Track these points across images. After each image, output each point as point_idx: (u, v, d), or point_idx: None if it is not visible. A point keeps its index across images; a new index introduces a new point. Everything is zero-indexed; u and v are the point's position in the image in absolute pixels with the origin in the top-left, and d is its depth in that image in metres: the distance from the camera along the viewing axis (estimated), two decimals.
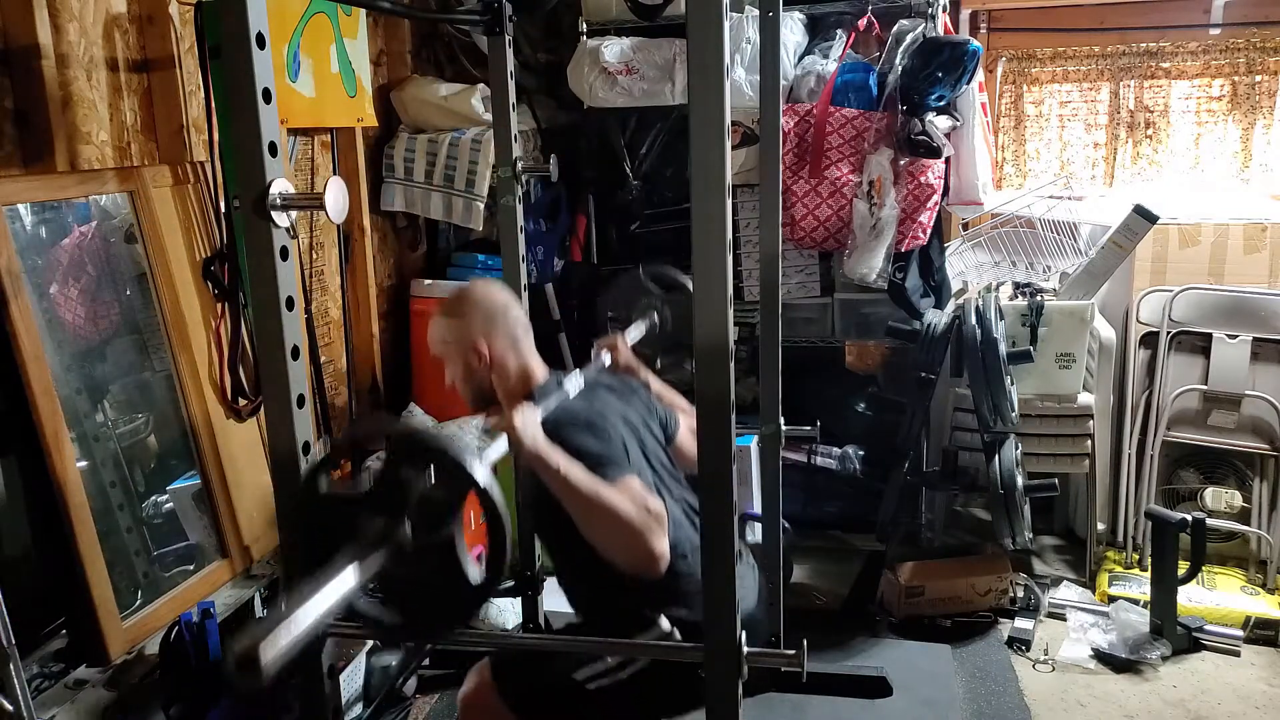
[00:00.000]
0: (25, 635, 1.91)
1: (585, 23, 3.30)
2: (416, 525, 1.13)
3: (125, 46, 2.28)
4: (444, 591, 1.16)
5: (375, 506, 1.14)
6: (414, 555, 1.13)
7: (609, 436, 1.74)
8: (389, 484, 1.15)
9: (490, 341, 1.86)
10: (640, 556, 1.60)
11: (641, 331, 2.28)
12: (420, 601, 1.18)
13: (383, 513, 1.13)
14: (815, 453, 3.46)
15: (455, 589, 1.15)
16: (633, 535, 1.58)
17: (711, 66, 1.19)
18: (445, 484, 1.14)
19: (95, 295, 2.19)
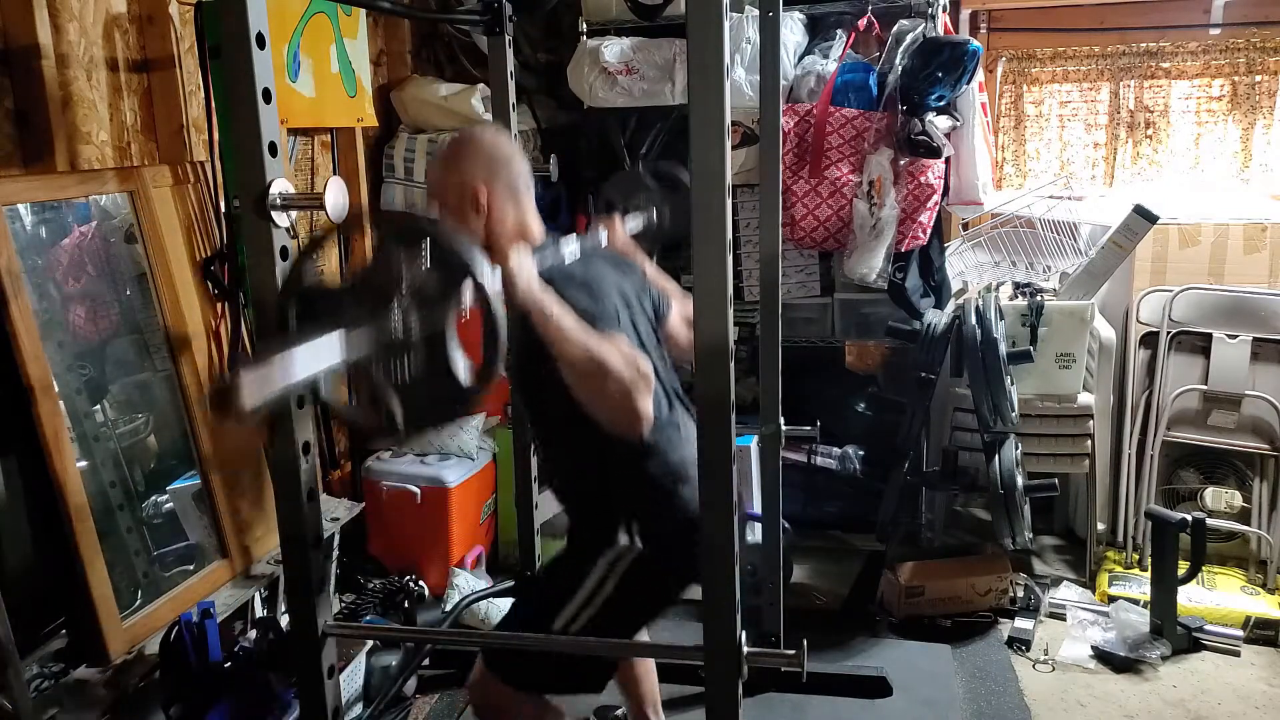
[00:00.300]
0: (25, 635, 1.91)
1: (585, 23, 3.30)
2: (406, 316, 1.09)
3: (125, 46, 2.28)
4: (432, 387, 1.11)
5: (363, 296, 1.11)
6: (401, 345, 1.09)
7: (603, 298, 1.71)
8: (378, 272, 1.10)
9: (491, 190, 1.78)
10: (626, 413, 1.55)
11: (639, 224, 2.25)
12: (408, 396, 1.13)
13: (371, 301, 1.10)
14: (815, 453, 3.46)
15: (444, 384, 1.10)
16: (621, 389, 1.54)
17: (711, 66, 1.20)
18: (437, 270, 1.09)
19: (95, 295, 2.19)
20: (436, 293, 1.09)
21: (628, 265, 1.96)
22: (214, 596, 2.29)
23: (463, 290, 1.10)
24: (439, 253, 1.09)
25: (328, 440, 3.08)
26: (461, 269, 1.08)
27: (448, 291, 1.09)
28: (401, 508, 3.08)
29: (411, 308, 1.09)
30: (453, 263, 1.08)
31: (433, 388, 1.11)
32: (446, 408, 1.14)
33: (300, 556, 1.47)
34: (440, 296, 1.09)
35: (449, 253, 1.08)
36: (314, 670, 1.52)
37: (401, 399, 1.13)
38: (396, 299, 1.09)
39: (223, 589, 2.35)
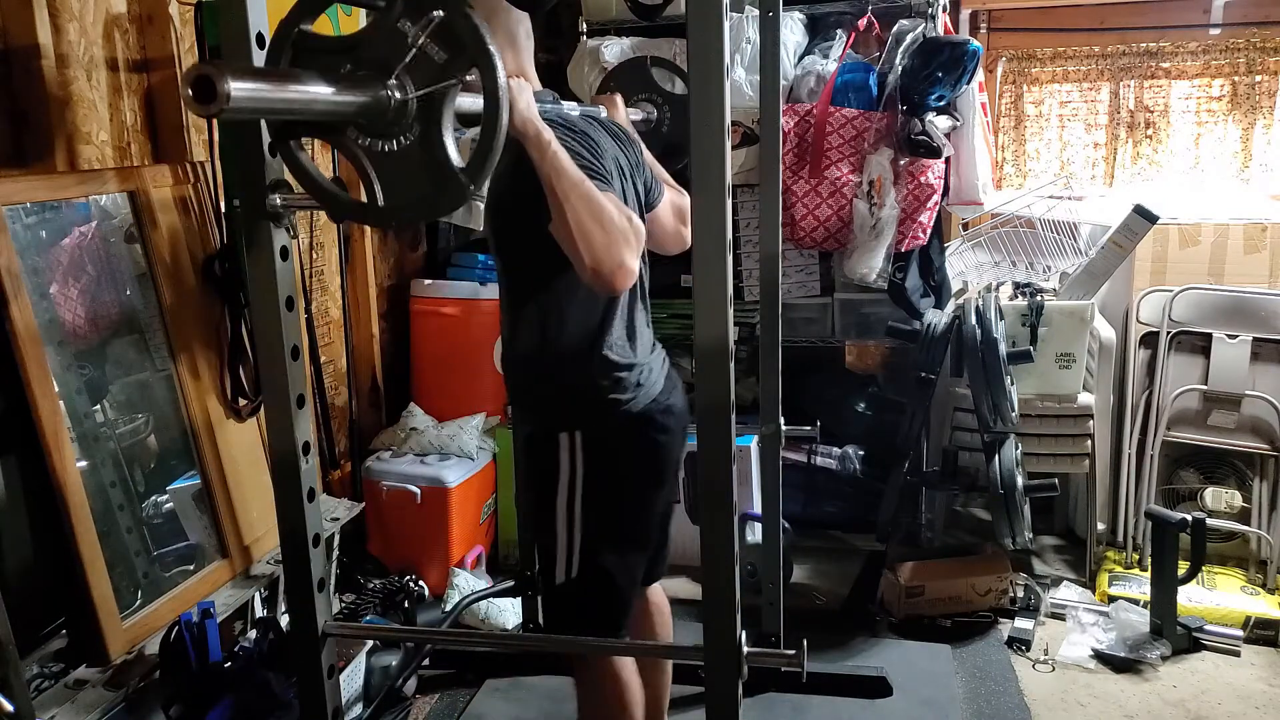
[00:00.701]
0: (25, 635, 1.91)
1: (585, 22, 3.30)
2: (403, 87, 1.04)
3: (125, 46, 2.28)
4: (417, 171, 1.06)
5: (364, 58, 1.06)
6: (392, 118, 1.04)
7: (601, 154, 1.67)
8: (383, 34, 1.05)
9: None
10: (611, 260, 1.50)
11: (638, 116, 2.21)
12: (391, 175, 1.08)
13: (369, 64, 1.05)
14: (815, 453, 3.46)
15: (437, 169, 1.05)
16: (609, 235, 1.49)
17: (712, 66, 1.19)
18: (444, 46, 1.03)
19: (95, 295, 2.19)
20: (438, 70, 1.04)
21: (628, 138, 1.92)
22: (214, 596, 2.29)
23: (466, 73, 1.06)
24: (451, 29, 1.04)
25: (328, 440, 3.08)
26: (474, 48, 1.03)
27: (450, 70, 1.04)
28: (401, 508, 3.08)
29: (409, 80, 1.05)
30: (463, 40, 1.03)
31: (418, 171, 1.06)
32: (428, 197, 1.08)
33: (300, 556, 1.47)
34: (441, 74, 1.04)
35: (461, 29, 1.03)
36: (314, 670, 1.52)
37: (383, 177, 1.08)
38: (396, 67, 1.04)
39: (223, 589, 2.35)
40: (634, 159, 1.88)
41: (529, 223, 1.55)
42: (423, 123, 1.05)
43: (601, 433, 1.78)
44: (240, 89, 0.86)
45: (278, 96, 0.96)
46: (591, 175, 1.56)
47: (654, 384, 1.84)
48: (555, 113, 1.69)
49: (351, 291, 3.23)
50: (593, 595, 1.81)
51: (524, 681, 2.63)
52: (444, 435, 3.22)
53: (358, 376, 3.27)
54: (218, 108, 0.85)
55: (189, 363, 2.35)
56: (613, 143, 1.80)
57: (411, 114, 1.05)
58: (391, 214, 1.11)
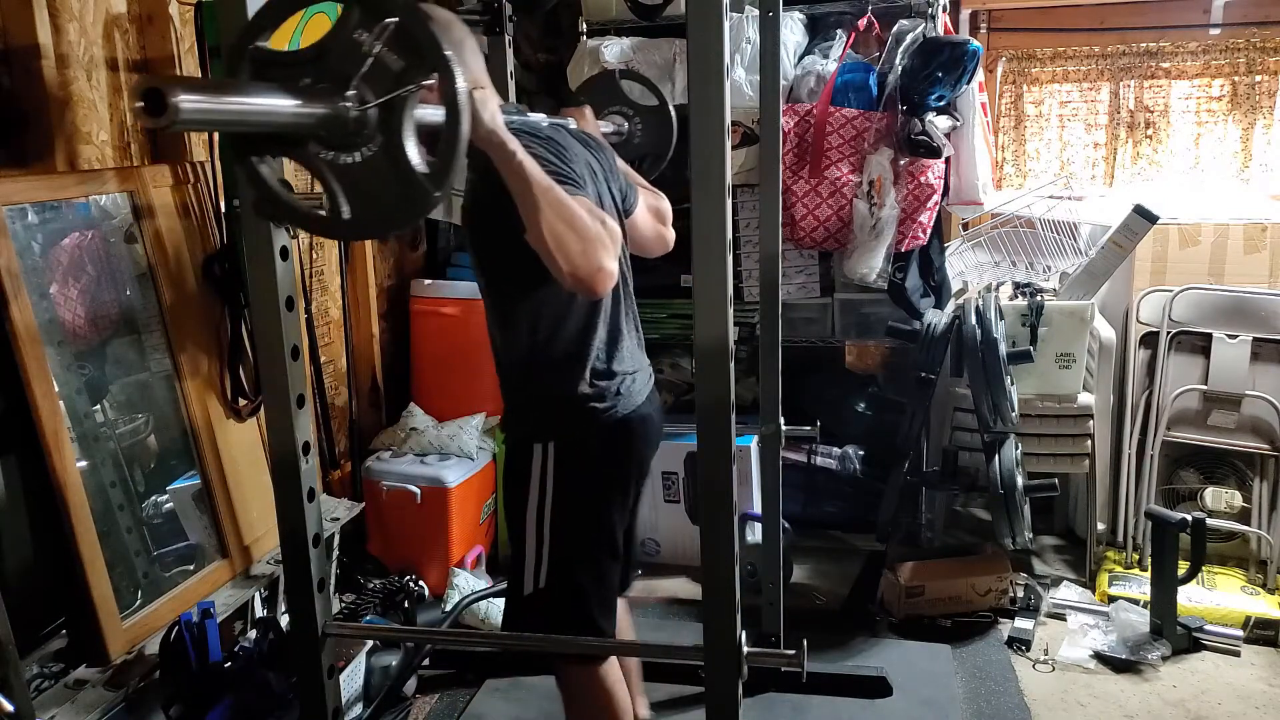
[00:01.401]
0: (25, 635, 1.91)
1: (585, 23, 3.30)
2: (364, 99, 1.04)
3: (125, 46, 2.28)
4: (382, 180, 1.06)
5: (323, 70, 1.06)
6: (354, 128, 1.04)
7: (572, 160, 1.66)
8: (340, 45, 1.05)
9: None
10: (588, 264, 1.48)
11: (609, 129, 2.22)
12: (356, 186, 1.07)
13: (327, 77, 1.05)
14: (815, 453, 3.46)
15: (401, 178, 1.05)
16: (584, 240, 1.47)
17: (712, 66, 1.20)
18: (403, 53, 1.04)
19: (95, 295, 2.19)
20: (396, 78, 1.04)
21: (599, 145, 1.92)
22: (214, 596, 2.29)
23: (426, 79, 1.06)
24: (408, 36, 1.04)
25: (328, 440, 3.08)
26: (430, 53, 1.03)
27: (408, 77, 1.04)
28: (401, 508, 3.08)
29: (368, 90, 1.05)
30: (420, 46, 1.03)
31: (382, 181, 1.06)
32: (394, 207, 1.08)
33: (300, 556, 1.47)
34: (399, 82, 1.04)
35: (418, 36, 1.03)
36: (314, 670, 1.52)
37: (347, 189, 1.07)
38: (354, 78, 1.04)
39: (223, 589, 2.35)
40: (607, 164, 1.88)
41: (505, 233, 1.54)
42: (384, 132, 1.05)
43: (577, 442, 1.79)
44: (189, 102, 0.87)
45: (229, 109, 0.96)
46: (561, 181, 1.56)
47: (637, 393, 1.85)
48: (523, 123, 1.70)
49: (351, 291, 3.23)
50: (563, 607, 1.80)
51: (524, 681, 2.63)
52: (444, 435, 3.22)
53: (358, 376, 3.27)
54: (167, 120, 0.85)
55: (189, 363, 2.35)
56: (583, 149, 1.80)
57: (372, 124, 1.05)
58: (357, 226, 1.10)
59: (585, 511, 1.81)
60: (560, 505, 1.78)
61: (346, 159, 1.07)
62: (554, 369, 1.76)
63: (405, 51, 1.04)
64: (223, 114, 0.96)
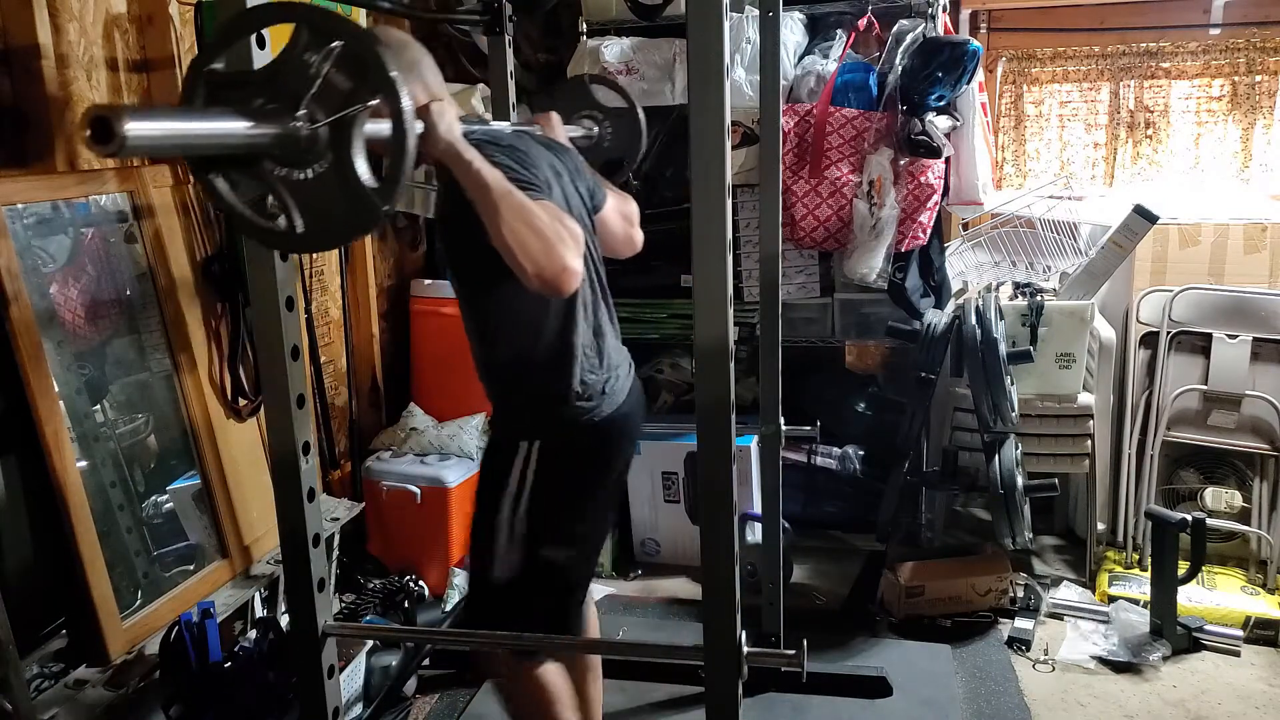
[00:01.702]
0: (25, 635, 1.91)
1: (585, 23, 3.30)
2: (314, 119, 1.08)
3: (125, 46, 2.28)
4: (332, 195, 1.09)
5: (275, 91, 1.09)
6: (304, 146, 1.08)
7: (533, 167, 1.69)
8: (288, 68, 1.09)
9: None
10: (552, 266, 1.51)
11: (578, 133, 2.24)
12: (307, 201, 1.11)
13: (279, 98, 1.08)
14: (815, 453, 3.46)
15: (351, 193, 1.09)
16: (544, 242, 1.51)
17: (712, 66, 1.20)
18: (351, 73, 1.07)
19: (95, 295, 2.19)
20: (344, 98, 1.08)
21: (563, 149, 1.94)
22: (214, 596, 2.29)
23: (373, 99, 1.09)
24: (354, 58, 1.08)
25: (328, 440, 3.08)
26: (375, 74, 1.06)
27: (356, 96, 1.08)
28: (401, 508, 3.08)
29: (318, 110, 1.08)
30: (366, 66, 1.07)
31: (333, 196, 1.10)
32: (346, 220, 1.11)
33: (300, 556, 1.47)
34: (348, 102, 1.08)
35: (363, 58, 1.07)
36: (314, 670, 1.52)
37: (300, 204, 1.11)
38: (304, 98, 1.07)
39: (223, 589, 2.35)
40: (572, 165, 1.90)
41: (474, 240, 1.57)
42: (334, 149, 1.09)
43: (560, 441, 1.81)
44: (136, 129, 0.89)
45: (178, 134, 0.99)
46: (523, 186, 1.59)
47: (619, 391, 1.87)
48: (485, 132, 1.72)
49: (351, 291, 3.23)
50: (531, 596, 1.84)
51: None
52: (444, 435, 3.22)
53: (358, 376, 3.27)
54: (114, 147, 0.87)
55: (189, 363, 2.36)
56: (546, 153, 1.82)
57: (323, 142, 1.09)
58: (310, 239, 1.14)
59: (562, 507, 1.84)
60: (537, 501, 1.80)
61: (299, 175, 1.10)
62: (543, 370, 1.78)
63: (353, 72, 1.08)
64: (171, 139, 0.99)
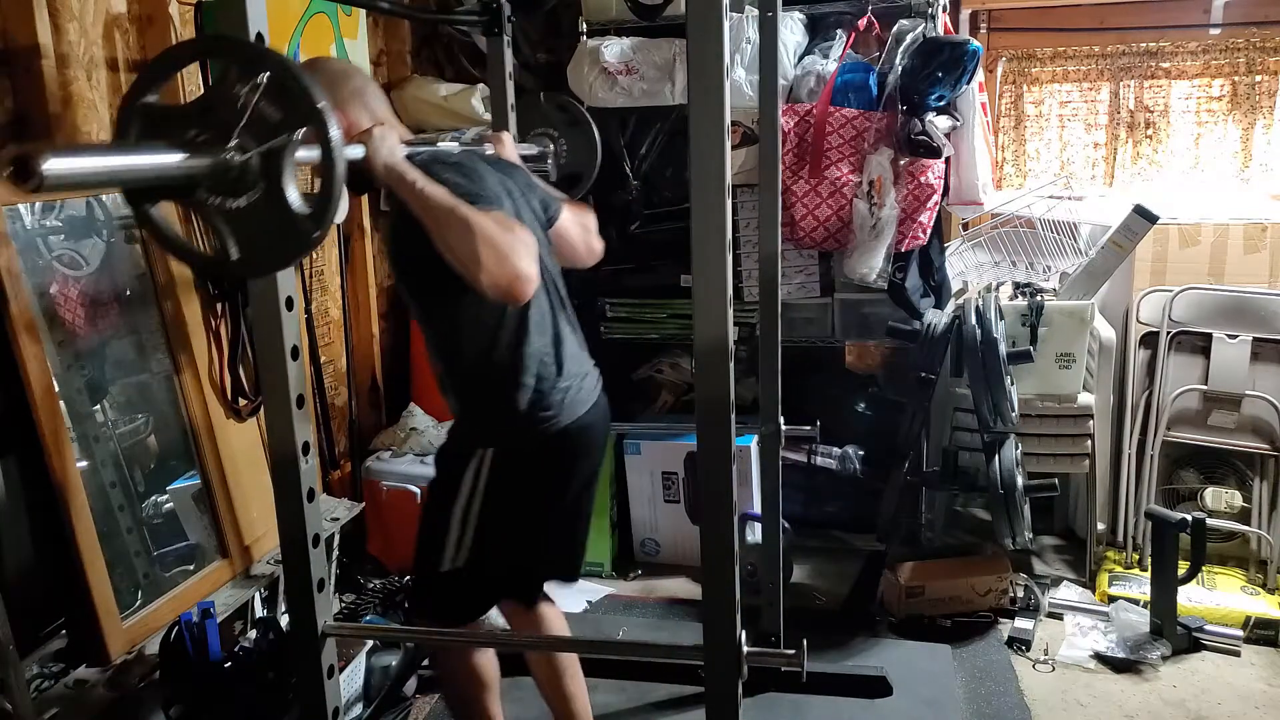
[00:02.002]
0: (25, 635, 1.91)
1: (585, 23, 3.29)
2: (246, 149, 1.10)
3: (125, 47, 2.28)
4: (265, 222, 1.12)
5: (208, 123, 1.11)
6: (239, 177, 1.10)
7: (481, 180, 1.71)
8: (219, 100, 1.11)
9: (343, 111, 1.73)
10: (504, 273, 1.53)
11: (531, 151, 2.26)
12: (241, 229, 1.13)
13: (211, 128, 1.11)
14: (815, 453, 3.46)
15: (283, 219, 1.11)
16: (495, 250, 1.52)
17: (711, 66, 1.19)
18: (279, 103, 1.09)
19: (95, 295, 2.19)
20: (274, 127, 1.10)
21: (511, 166, 1.96)
22: (214, 596, 2.29)
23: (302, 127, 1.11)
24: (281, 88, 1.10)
25: (328, 440, 3.08)
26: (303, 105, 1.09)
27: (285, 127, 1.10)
28: (401, 507, 3.08)
29: (249, 139, 1.10)
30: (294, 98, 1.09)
31: (266, 223, 1.12)
32: (279, 245, 1.14)
33: (299, 556, 1.47)
34: (278, 130, 1.10)
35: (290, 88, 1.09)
36: (314, 670, 1.52)
37: (235, 231, 1.13)
38: (235, 128, 1.10)
39: (223, 589, 2.35)
40: (522, 182, 1.92)
41: (425, 256, 1.59)
42: (266, 178, 1.11)
43: (514, 450, 1.83)
44: (56, 167, 0.91)
45: (102, 169, 1.02)
46: (471, 198, 1.60)
47: (579, 401, 1.88)
48: (430, 153, 1.74)
49: (351, 291, 3.23)
50: (475, 588, 1.90)
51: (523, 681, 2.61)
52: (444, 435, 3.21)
53: (358, 376, 3.27)
54: (34, 184, 0.89)
55: (189, 363, 2.36)
56: (494, 171, 1.84)
57: (255, 171, 1.11)
58: (245, 266, 1.16)
59: (513, 514, 1.86)
60: (488, 505, 1.83)
61: (232, 204, 1.12)
62: (498, 380, 1.80)
63: (282, 102, 1.10)
64: (94, 175, 1.01)
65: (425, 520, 1.93)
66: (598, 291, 3.45)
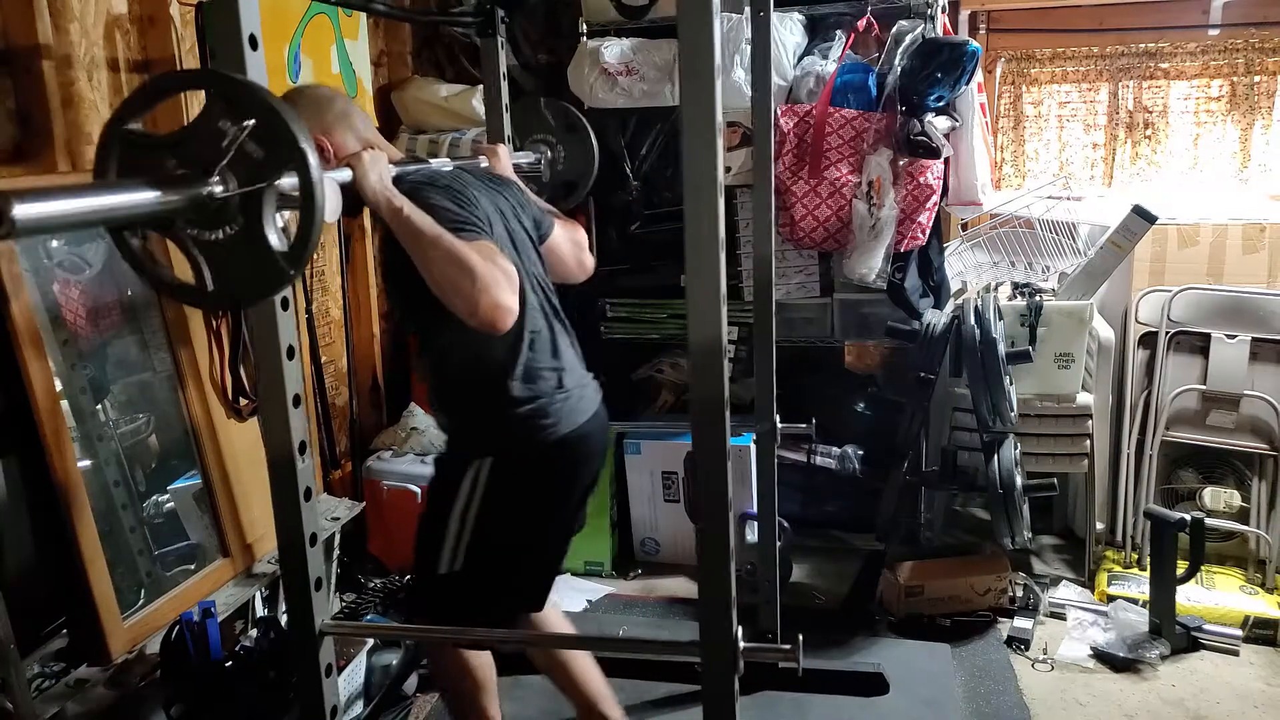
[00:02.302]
0: (26, 634, 1.92)
1: (585, 23, 3.30)
2: (228, 184, 1.11)
3: (126, 47, 2.29)
4: (243, 256, 1.13)
5: (188, 156, 1.12)
6: (219, 211, 1.11)
7: (470, 204, 1.72)
8: (204, 133, 1.11)
9: (329, 136, 1.77)
10: (484, 305, 1.56)
11: (530, 159, 2.27)
12: (227, 266, 1.14)
13: (192, 160, 1.11)
14: (815, 452, 3.47)
15: (260, 257, 1.12)
16: (475, 282, 1.55)
17: (702, 65, 1.20)
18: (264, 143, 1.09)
19: (96, 295, 2.20)
20: (257, 166, 1.10)
21: (503, 183, 1.98)
22: (215, 596, 2.30)
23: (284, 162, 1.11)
24: (265, 124, 1.09)
25: (329, 440, 3.09)
26: (287, 147, 1.09)
27: (268, 167, 1.10)
28: (402, 507, 3.09)
29: (231, 176, 1.11)
30: (278, 139, 1.09)
31: (243, 258, 1.13)
32: (255, 281, 1.15)
33: (298, 556, 1.48)
34: (260, 171, 1.10)
35: (277, 131, 1.09)
36: (312, 669, 1.53)
37: (211, 263, 1.14)
38: (217, 166, 1.10)
39: (224, 588, 2.36)
40: (515, 199, 1.94)
41: (414, 276, 1.62)
42: (245, 215, 1.11)
43: (512, 459, 1.84)
44: (28, 213, 0.90)
45: (76, 211, 1.01)
46: (460, 225, 1.63)
47: (579, 410, 1.89)
48: (423, 174, 1.75)
49: (352, 291, 3.24)
50: (472, 591, 1.89)
51: (524, 680, 2.63)
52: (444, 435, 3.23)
53: (358, 376, 3.28)
54: (5, 231, 0.89)
55: (190, 362, 2.36)
56: (486, 190, 1.85)
57: (234, 207, 1.11)
58: (219, 298, 1.18)
59: (510, 521, 1.87)
60: (485, 512, 1.84)
61: (210, 236, 1.13)
62: (495, 392, 1.81)
63: (265, 142, 1.10)
64: (70, 217, 1.00)
65: (423, 524, 1.94)
66: (598, 292, 3.46)
